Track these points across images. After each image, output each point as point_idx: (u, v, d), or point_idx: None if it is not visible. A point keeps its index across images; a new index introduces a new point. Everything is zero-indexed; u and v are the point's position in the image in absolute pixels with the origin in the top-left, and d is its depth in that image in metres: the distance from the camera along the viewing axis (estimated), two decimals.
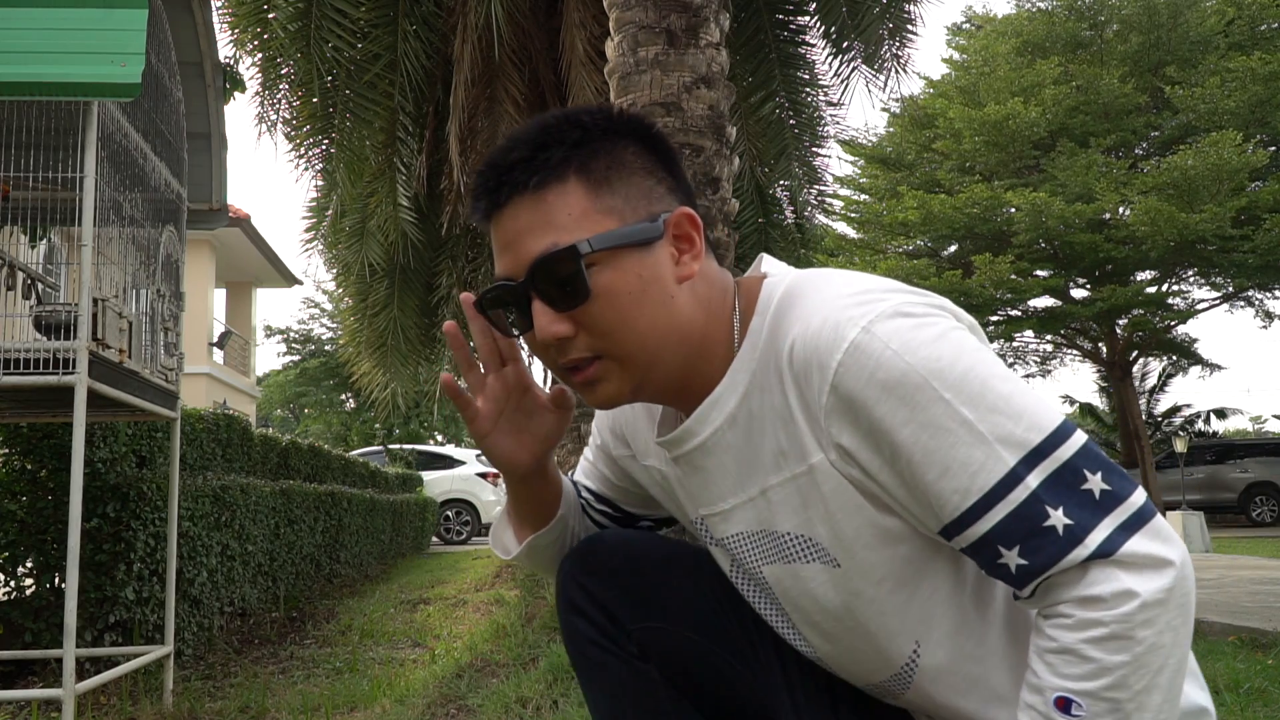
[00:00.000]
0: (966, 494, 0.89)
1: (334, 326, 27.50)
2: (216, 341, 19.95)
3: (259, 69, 7.32)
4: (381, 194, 8.49)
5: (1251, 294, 19.95)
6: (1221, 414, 28.54)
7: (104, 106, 2.91)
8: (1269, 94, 16.45)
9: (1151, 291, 18.54)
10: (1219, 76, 16.69)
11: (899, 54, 8.05)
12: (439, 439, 27.83)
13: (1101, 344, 20.73)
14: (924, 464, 0.90)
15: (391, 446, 17.93)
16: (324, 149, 7.73)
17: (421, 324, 9.89)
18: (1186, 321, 20.76)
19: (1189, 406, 28.59)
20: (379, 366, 9.85)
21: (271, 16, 7.05)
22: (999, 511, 0.88)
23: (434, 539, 13.69)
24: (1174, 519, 11.45)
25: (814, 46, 8.51)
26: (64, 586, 3.04)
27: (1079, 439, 0.89)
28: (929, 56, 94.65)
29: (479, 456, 16.96)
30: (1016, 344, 21.71)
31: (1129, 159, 18.96)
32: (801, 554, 1.03)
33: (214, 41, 4.06)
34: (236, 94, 6.84)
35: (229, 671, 4.08)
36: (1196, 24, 17.69)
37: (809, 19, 8.32)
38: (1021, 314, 19.64)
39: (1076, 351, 21.99)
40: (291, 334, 29.55)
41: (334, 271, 10.27)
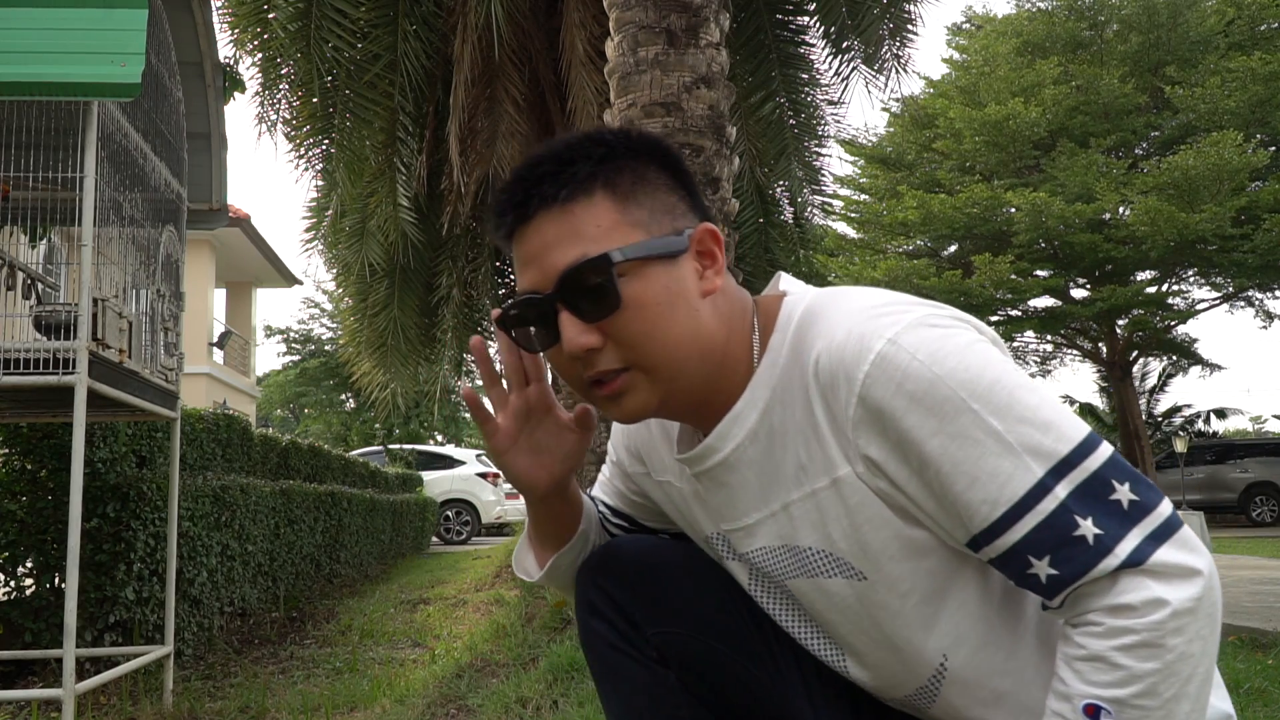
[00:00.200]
0: (995, 504, 0.89)
1: (334, 326, 27.50)
2: (216, 341, 19.95)
3: (259, 69, 7.32)
4: (381, 194, 8.49)
5: (1251, 294, 19.95)
6: (1221, 414, 28.58)
7: (104, 106, 2.91)
8: (1269, 94, 16.45)
9: (1151, 291, 18.55)
10: (1219, 76, 16.68)
11: (899, 54, 8.05)
12: (439, 439, 27.83)
13: (1101, 344, 20.74)
14: (952, 474, 0.90)
15: (391, 446, 17.92)
16: (324, 149, 7.73)
17: (421, 324, 9.89)
18: (1186, 321, 20.78)
19: (1189, 406, 28.67)
20: (379, 366, 9.85)
21: (271, 16, 7.05)
22: (1028, 521, 0.88)
23: (434, 539, 13.68)
24: None
25: (814, 46, 8.51)
26: (64, 586, 3.04)
27: (1106, 450, 0.90)
28: (929, 56, 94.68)
29: (479, 456, 16.95)
30: (1017, 344, 21.69)
31: (1129, 159, 18.96)
32: (825, 568, 1.03)
33: (214, 41, 4.06)
34: (236, 94, 6.83)
35: (229, 671, 4.08)
36: (1196, 24, 17.69)
37: (809, 19, 8.33)
38: (1022, 314, 19.64)
39: (1076, 351, 21.99)
40: (291, 334, 29.56)
41: (334, 271, 10.28)
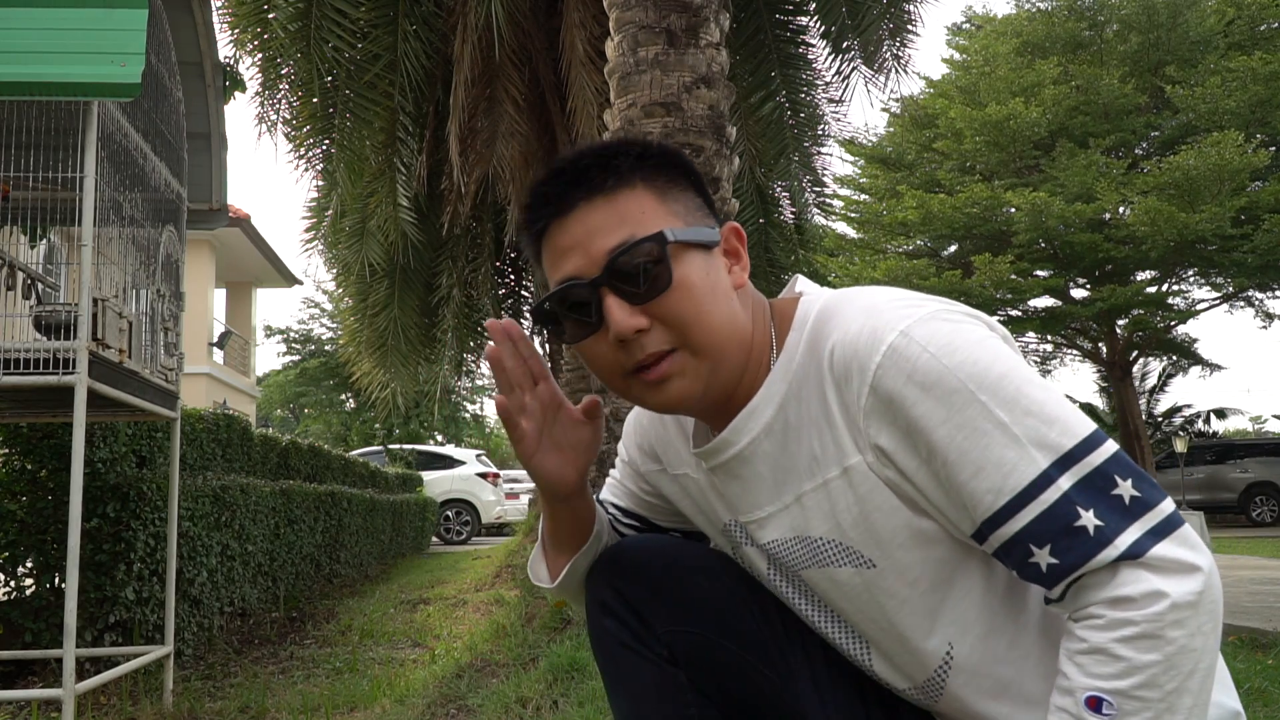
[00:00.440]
0: (1000, 493, 0.91)
1: (334, 326, 27.50)
2: (216, 341, 19.95)
3: (259, 69, 7.33)
4: (381, 194, 8.49)
5: (1251, 294, 19.95)
6: (1221, 414, 28.55)
7: (104, 106, 2.91)
8: (1269, 94, 16.44)
9: (1151, 291, 18.54)
10: (1219, 76, 16.67)
11: (899, 54, 8.06)
12: (439, 439, 27.83)
13: (1101, 344, 20.74)
14: (959, 463, 0.92)
15: (391, 446, 17.91)
16: (324, 149, 7.74)
17: (421, 324, 9.90)
18: (1186, 321, 20.78)
19: (1189, 406, 28.61)
20: (379, 366, 9.86)
21: (271, 16, 7.06)
22: (1031, 511, 0.90)
23: (434, 539, 13.68)
24: None
25: (814, 46, 8.53)
26: (64, 586, 3.05)
27: (1110, 447, 0.92)
28: (929, 56, 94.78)
29: (479, 456, 16.95)
30: (1017, 345, 21.66)
31: (1129, 159, 18.95)
32: (835, 558, 1.05)
33: (214, 41, 4.06)
34: (236, 94, 6.83)
35: (229, 671, 4.08)
36: (1196, 24, 17.67)
37: (809, 19, 8.34)
38: (1022, 314, 19.64)
39: (1076, 351, 21.99)
40: (291, 334, 29.56)
41: (334, 271, 10.30)
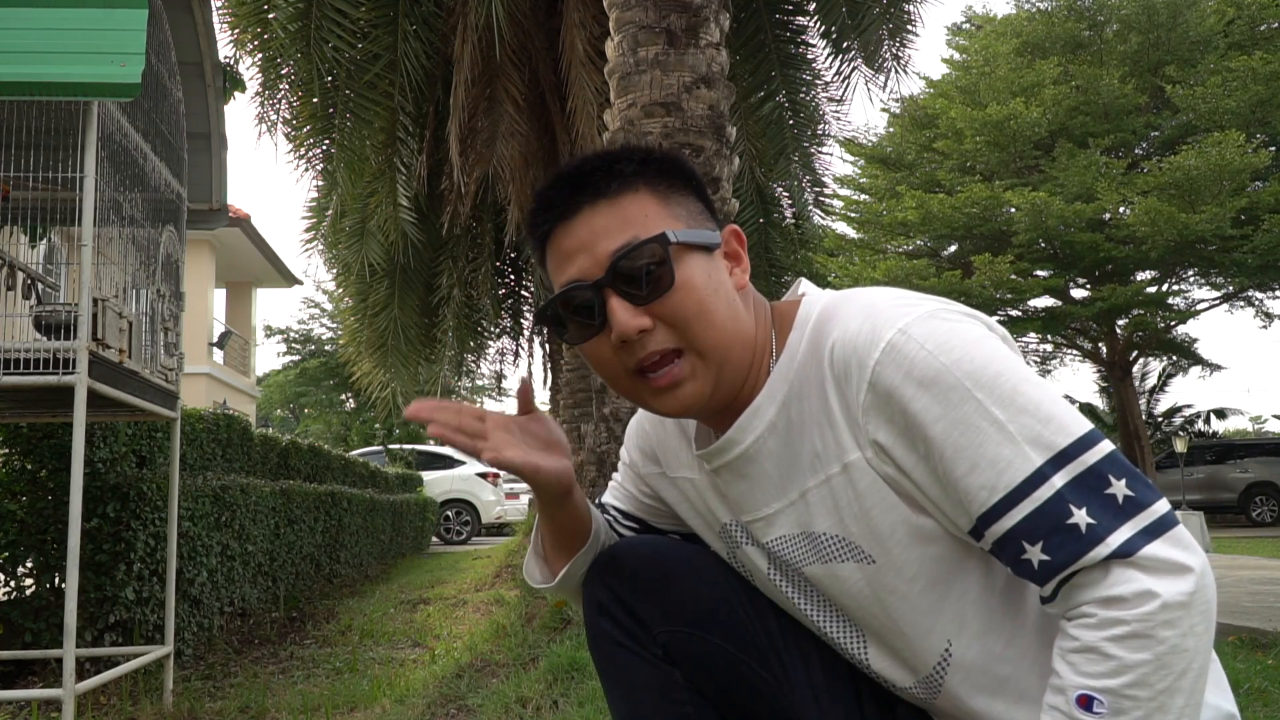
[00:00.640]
0: (994, 490, 0.92)
1: (334, 326, 27.51)
2: (216, 341, 19.94)
3: (259, 69, 7.32)
4: (381, 194, 8.49)
5: (1251, 294, 19.94)
6: (1221, 414, 28.54)
7: (104, 106, 2.91)
8: (1270, 94, 16.43)
9: (1151, 291, 18.53)
10: (1219, 76, 16.66)
11: (899, 54, 8.06)
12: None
13: (1101, 344, 20.72)
14: (954, 459, 0.94)
15: (391, 446, 17.91)
16: (324, 149, 7.73)
17: (421, 324, 9.90)
18: (1186, 321, 20.77)
19: (1189, 406, 28.59)
20: (379, 366, 9.86)
21: (271, 16, 7.06)
22: (1024, 508, 0.91)
23: (434, 539, 13.68)
24: None
25: (814, 46, 8.52)
26: (64, 586, 3.04)
27: (1105, 446, 0.92)
28: (929, 56, 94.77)
29: None
30: (1016, 344, 21.64)
31: (1129, 159, 18.94)
32: (837, 553, 1.07)
33: (214, 41, 4.06)
34: (236, 94, 6.82)
35: (229, 671, 4.08)
36: (1196, 24, 17.66)
37: (809, 19, 8.33)
38: (1022, 314, 19.63)
39: (1076, 351, 21.98)
40: (291, 334, 29.59)
41: (334, 271, 10.30)
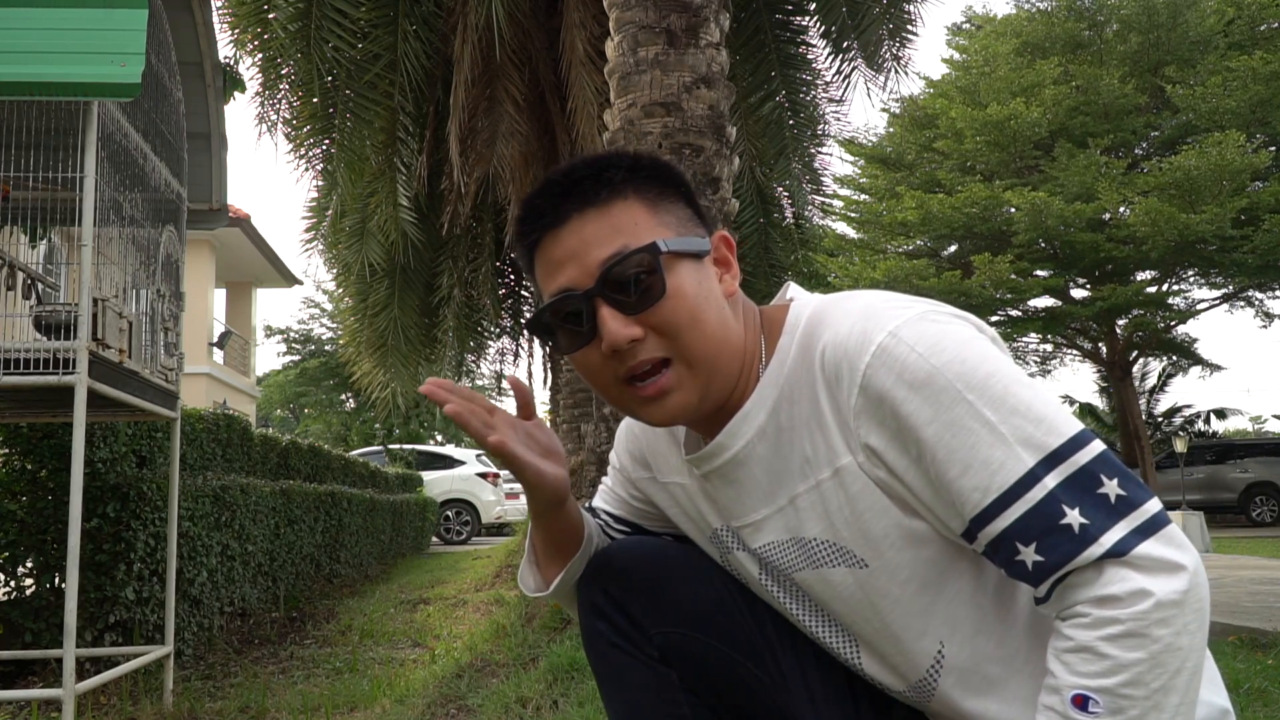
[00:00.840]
0: (986, 491, 0.92)
1: (334, 326, 27.50)
2: (216, 341, 19.94)
3: (259, 69, 7.31)
4: (381, 194, 8.48)
5: (1251, 294, 19.94)
6: (1221, 414, 28.51)
7: (104, 106, 2.91)
8: (1270, 94, 16.43)
9: (1151, 291, 18.54)
10: (1219, 76, 16.65)
11: (899, 54, 8.05)
12: (439, 439, 27.82)
13: (1101, 344, 20.73)
14: (947, 461, 0.93)
15: (391, 446, 17.92)
16: (324, 149, 7.72)
17: (422, 324, 9.89)
18: (1186, 321, 20.77)
19: (1189, 406, 28.55)
20: (379, 366, 9.84)
21: (271, 16, 7.05)
22: (1017, 509, 0.91)
23: (434, 539, 13.68)
24: (1174, 519, 11.41)
25: (814, 46, 8.51)
26: (64, 586, 3.04)
27: (1097, 446, 0.92)
28: (929, 56, 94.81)
29: (479, 456, 16.94)
30: (1017, 345, 21.67)
31: (1129, 159, 18.94)
32: (828, 558, 1.06)
33: (214, 41, 4.06)
34: (236, 94, 6.81)
35: (229, 671, 4.08)
36: (1196, 24, 17.66)
37: (809, 19, 8.33)
38: (1022, 314, 19.63)
39: (1076, 351, 21.98)
40: (291, 334, 29.57)
41: (334, 271, 10.28)
